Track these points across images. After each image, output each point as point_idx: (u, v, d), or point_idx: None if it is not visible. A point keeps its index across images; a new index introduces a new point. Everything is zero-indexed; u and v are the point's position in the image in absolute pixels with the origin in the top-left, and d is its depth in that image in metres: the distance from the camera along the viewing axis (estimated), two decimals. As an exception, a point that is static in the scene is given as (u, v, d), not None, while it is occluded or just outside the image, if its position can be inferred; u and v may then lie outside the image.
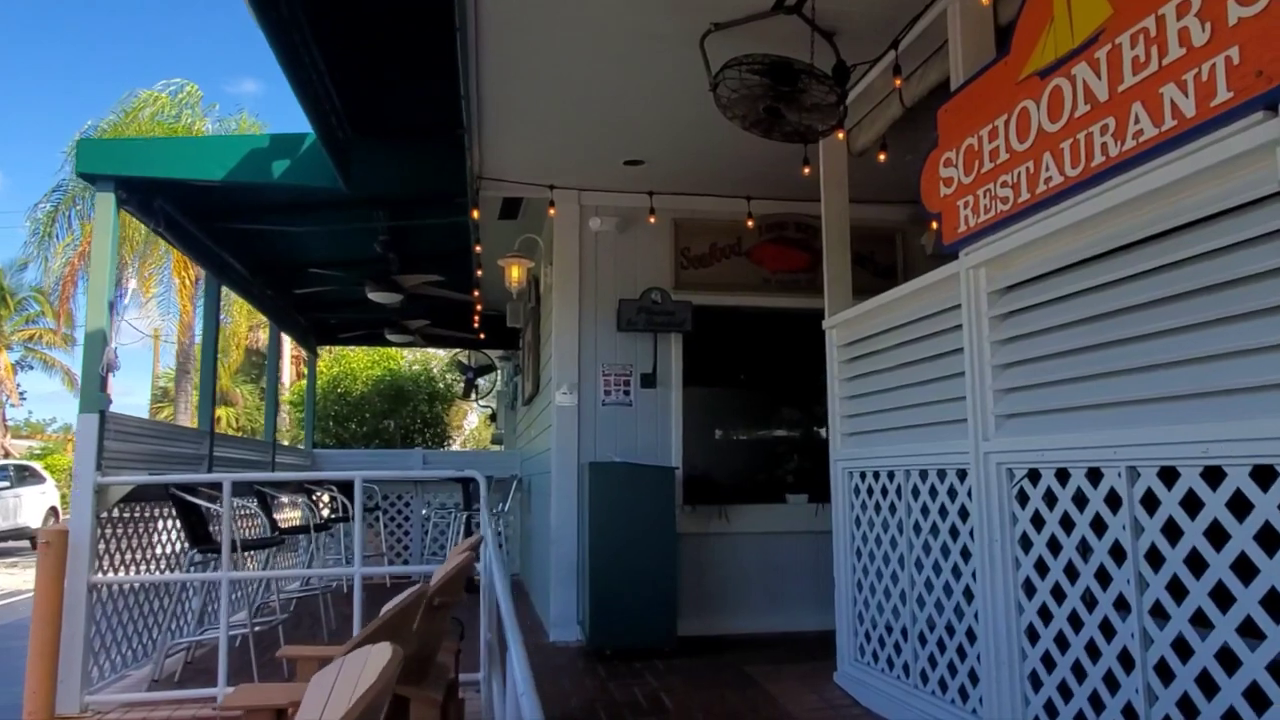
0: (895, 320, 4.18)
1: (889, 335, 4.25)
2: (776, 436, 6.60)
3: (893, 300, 4.16)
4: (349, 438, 11.15)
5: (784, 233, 6.47)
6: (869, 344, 4.47)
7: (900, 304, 4.13)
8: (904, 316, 4.09)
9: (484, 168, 5.67)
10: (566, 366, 6.08)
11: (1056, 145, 2.91)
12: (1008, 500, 3.29)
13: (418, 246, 7.12)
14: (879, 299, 4.29)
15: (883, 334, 4.31)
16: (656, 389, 6.16)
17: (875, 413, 4.43)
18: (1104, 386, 2.82)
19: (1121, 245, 2.74)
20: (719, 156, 5.57)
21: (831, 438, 4.85)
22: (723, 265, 6.38)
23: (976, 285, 3.46)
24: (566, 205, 6.17)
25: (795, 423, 6.60)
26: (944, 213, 3.60)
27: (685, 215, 6.34)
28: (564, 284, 6.16)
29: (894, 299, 4.14)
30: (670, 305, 6.07)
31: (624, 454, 6.01)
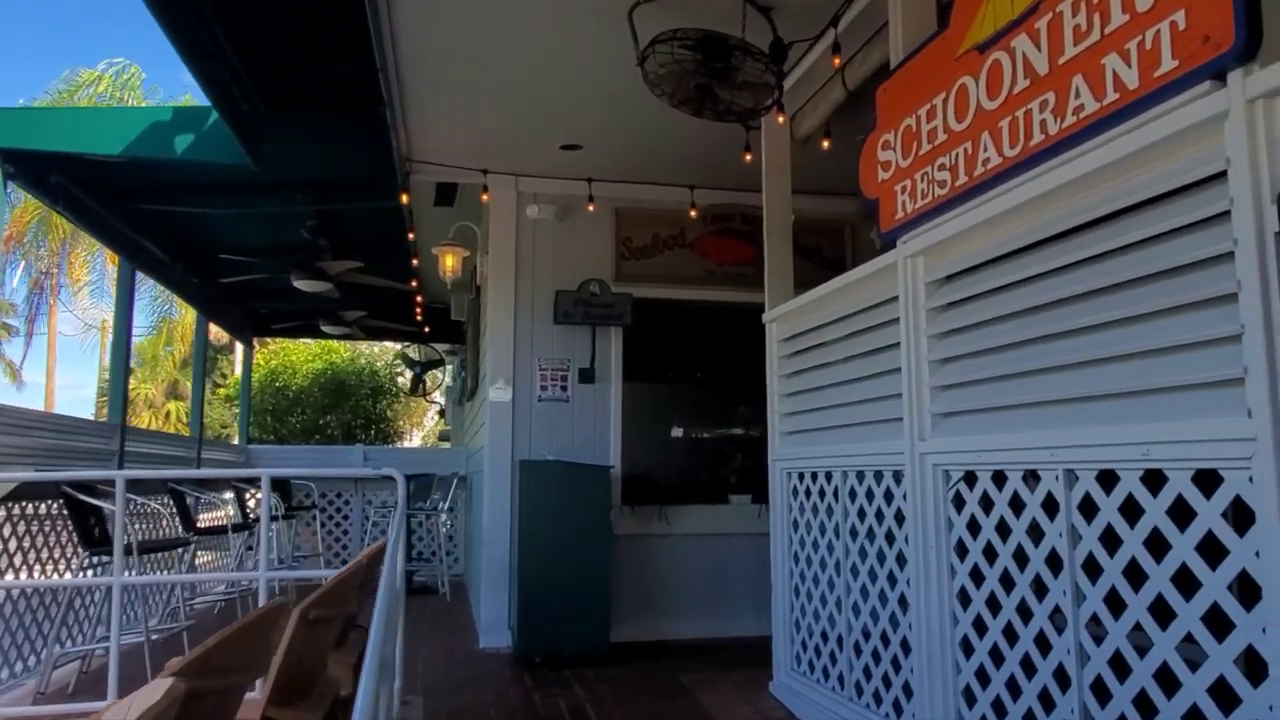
0: (835, 313, 3.97)
1: (829, 329, 4.04)
2: (720, 435, 6.39)
3: (832, 292, 3.96)
4: (287, 433, 10.76)
5: (729, 224, 6.26)
6: (809, 338, 4.27)
7: (840, 296, 3.93)
8: (843, 309, 3.89)
9: (413, 150, 5.38)
10: (501, 360, 5.81)
11: (995, 124, 2.71)
12: (943, 504, 3.10)
13: (350, 233, 6.80)
14: (818, 290, 4.09)
15: (822, 328, 4.11)
16: (595, 384, 5.92)
17: (814, 410, 4.23)
18: (1042, 383, 2.63)
19: (1061, 231, 2.55)
20: (660, 142, 5.34)
21: (770, 437, 4.64)
22: (666, 257, 6.15)
23: (914, 276, 3.26)
24: (502, 191, 5.90)
25: (739, 421, 6.40)
26: (882, 199, 3.40)
27: (627, 204, 6.11)
28: (499, 274, 5.89)
29: (833, 290, 3.93)
30: (610, 297, 5.83)
31: (561, 452, 5.76)
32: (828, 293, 3.99)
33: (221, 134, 4.34)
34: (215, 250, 6.86)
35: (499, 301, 5.86)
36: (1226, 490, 2.02)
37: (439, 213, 6.51)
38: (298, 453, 9.65)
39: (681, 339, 6.30)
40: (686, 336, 6.31)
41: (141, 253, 6.23)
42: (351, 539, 9.62)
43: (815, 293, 4.12)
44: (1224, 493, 2.03)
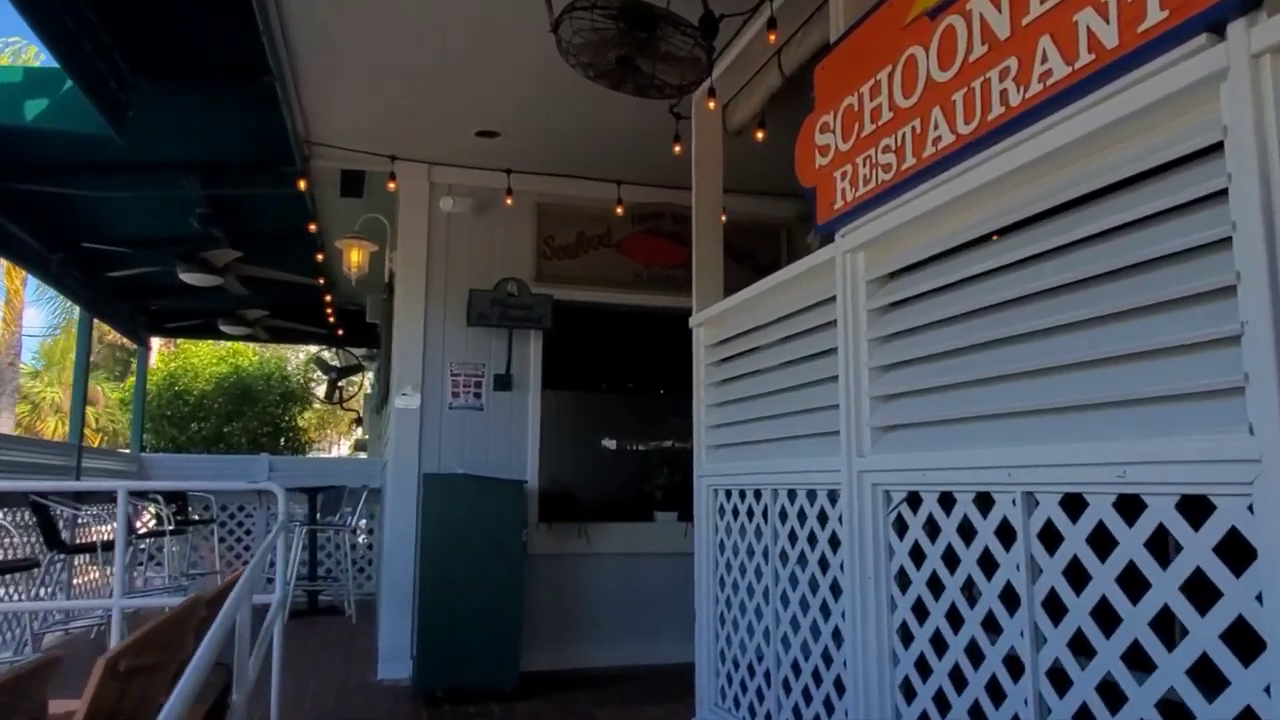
0: (767, 316, 3.62)
1: (761, 333, 3.70)
2: (646, 448, 6.02)
3: (765, 292, 3.61)
4: (186, 441, 10.03)
5: (659, 224, 5.90)
6: (739, 343, 3.92)
7: (773, 296, 3.58)
8: (777, 311, 3.54)
9: (311, 130, 4.89)
10: (409, 364, 5.34)
11: (948, 98, 2.38)
12: (883, 528, 2.75)
13: (249, 225, 6.27)
14: (750, 290, 3.73)
15: (754, 332, 3.76)
16: (512, 392, 5.48)
17: (744, 423, 3.87)
18: (999, 393, 2.30)
19: (1022, 220, 2.23)
20: (585, 131, 4.95)
21: (696, 450, 4.27)
22: (590, 257, 5.76)
23: (853, 273, 2.93)
24: (413, 181, 5.44)
25: (667, 433, 6.03)
26: (819, 187, 3.06)
27: (550, 200, 5.70)
28: (409, 271, 5.42)
29: (766, 290, 3.58)
30: (528, 298, 5.41)
31: (473, 464, 5.31)
32: (760, 293, 3.64)
33: (78, 99, 3.81)
34: (100, 240, 6.23)
35: (408, 301, 5.39)
36: (1219, 520, 1.70)
37: (348, 205, 6.00)
38: (195, 463, 8.97)
39: (606, 345, 5.91)
40: (612, 343, 5.93)
41: (8, 241, 5.59)
42: (255, 555, 8.95)
43: (746, 293, 3.77)
44: (1216, 523, 1.71)
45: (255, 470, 9.15)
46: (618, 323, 5.90)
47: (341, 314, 9.14)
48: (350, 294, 8.72)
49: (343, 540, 7.76)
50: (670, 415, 5.98)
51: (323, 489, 8.09)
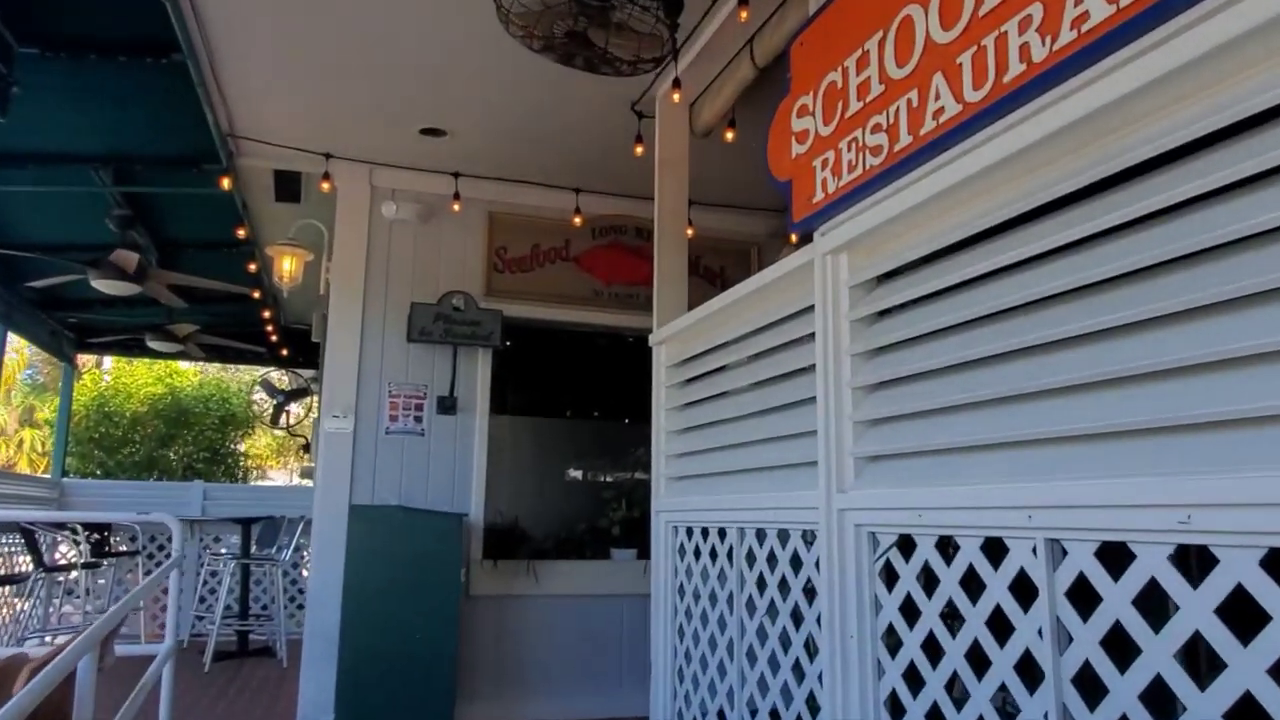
0: (736, 330, 3.20)
1: (728, 350, 3.27)
2: (603, 480, 5.55)
3: (733, 304, 3.18)
4: (115, 467, 9.36)
5: (621, 238, 5.49)
6: (703, 362, 3.49)
7: (742, 309, 3.16)
8: (746, 325, 3.12)
9: (236, 122, 4.43)
10: (341, 384, 4.85)
11: (952, 61, 1.99)
12: (868, 577, 2.32)
13: (175, 230, 5.77)
14: (716, 302, 3.31)
15: (720, 349, 3.33)
16: (456, 416, 5.00)
17: (708, 451, 3.43)
18: (1015, 416, 1.88)
19: (1043, 205, 1.83)
20: (541, 131, 4.54)
21: (655, 482, 3.83)
22: (546, 271, 5.32)
23: (834, 277, 2.52)
24: (353, 184, 4.99)
25: (626, 464, 5.57)
26: (796, 179, 2.66)
27: (503, 208, 5.27)
28: (345, 281, 4.95)
29: (734, 302, 3.16)
30: (476, 314, 4.95)
31: (411, 495, 4.81)
32: (727, 304, 3.21)
33: (-51, 69, 3.34)
34: (8, 245, 5.69)
35: (342, 314, 4.91)
36: (1325, 583, 1.28)
37: (285, 212, 5.52)
38: (122, 490, 8.34)
39: (562, 367, 5.47)
40: (568, 364, 5.48)
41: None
42: (184, 591, 8.31)
43: (712, 305, 3.35)
44: (1320, 587, 1.29)
45: (188, 498, 8.55)
46: (575, 343, 5.46)
47: (287, 334, 8.62)
48: (297, 312, 8.22)
49: (274, 575, 7.17)
50: (630, 445, 5.53)
51: (258, 519, 7.51)
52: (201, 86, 3.88)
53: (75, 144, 4.39)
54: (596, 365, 5.50)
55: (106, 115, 4.18)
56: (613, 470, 5.57)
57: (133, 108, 4.15)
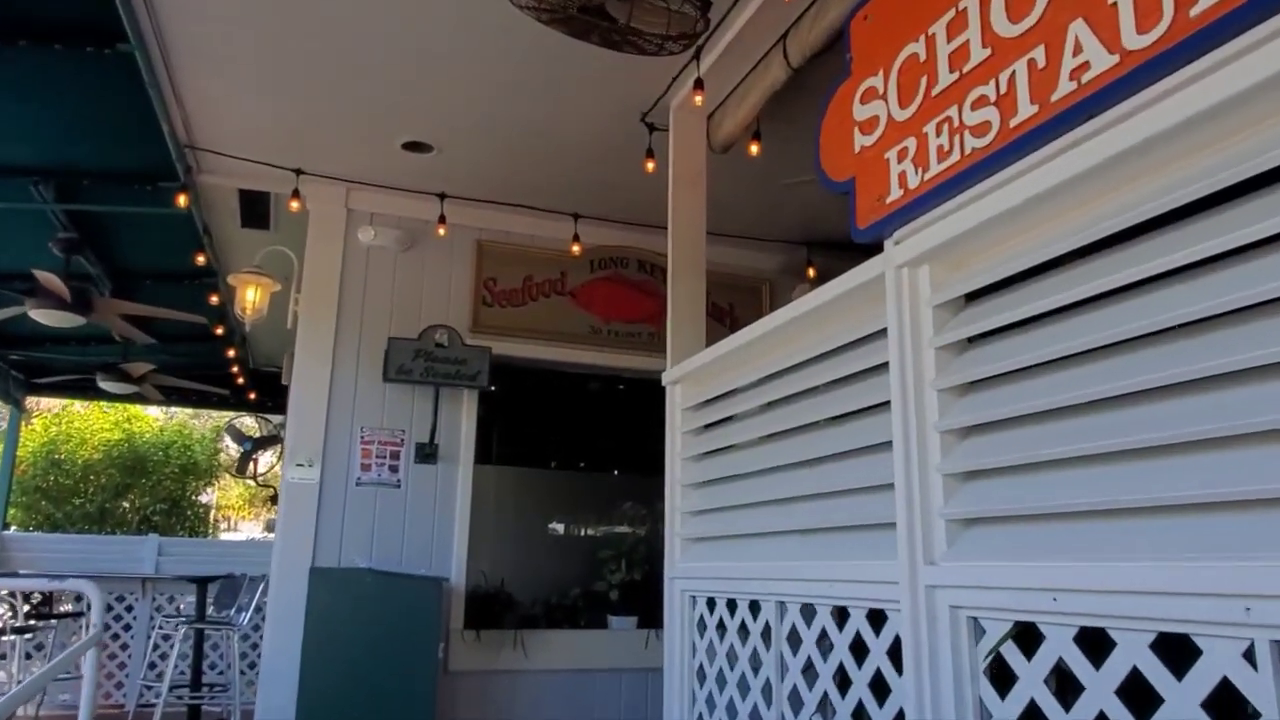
0: (773, 365, 2.70)
1: (764, 389, 2.77)
2: (599, 538, 4.99)
3: (770, 333, 2.68)
4: (63, 519, 8.65)
5: (622, 270, 5.01)
6: (731, 404, 2.98)
7: (780, 339, 2.67)
8: (788, 358, 2.62)
9: (195, 130, 3.94)
10: (307, 427, 4.30)
11: (1100, 2, 1.53)
12: (969, 677, 1.79)
13: (131, 257, 5.24)
14: (748, 332, 2.81)
15: (754, 387, 2.83)
16: (438, 466, 4.45)
17: (736, 508, 2.91)
18: (1195, 467, 1.38)
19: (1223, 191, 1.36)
20: (540, 149, 4.08)
21: (668, 543, 3.29)
22: (539, 306, 4.82)
23: (913, 294, 2.03)
24: (326, 205, 4.50)
25: (626, 520, 5.02)
26: (860, 176, 2.18)
27: (492, 236, 4.79)
28: (315, 311, 4.43)
29: (772, 331, 2.66)
30: (461, 352, 4.43)
31: (384, 556, 4.24)
32: (762, 334, 2.71)
33: None
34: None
35: (311, 349, 4.39)
36: None
37: (253, 239, 5.01)
38: (68, 544, 7.66)
39: (554, 412, 4.95)
40: (561, 409, 4.97)
41: None
42: (133, 656, 7.59)
43: (742, 337, 2.85)
44: None
45: (141, 554, 7.86)
46: (570, 386, 4.95)
47: (256, 377, 8.04)
48: (266, 354, 7.67)
49: (230, 641, 6.49)
50: (630, 498, 5.00)
51: (215, 578, 6.85)
52: (154, 87, 3.40)
53: (8, 152, 3.88)
54: (593, 410, 4.99)
55: (45, 117, 3.68)
56: (610, 527, 5.02)
57: (75, 110, 3.66)
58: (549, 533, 4.96)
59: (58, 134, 3.84)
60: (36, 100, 3.55)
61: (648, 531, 4.85)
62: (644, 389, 5.07)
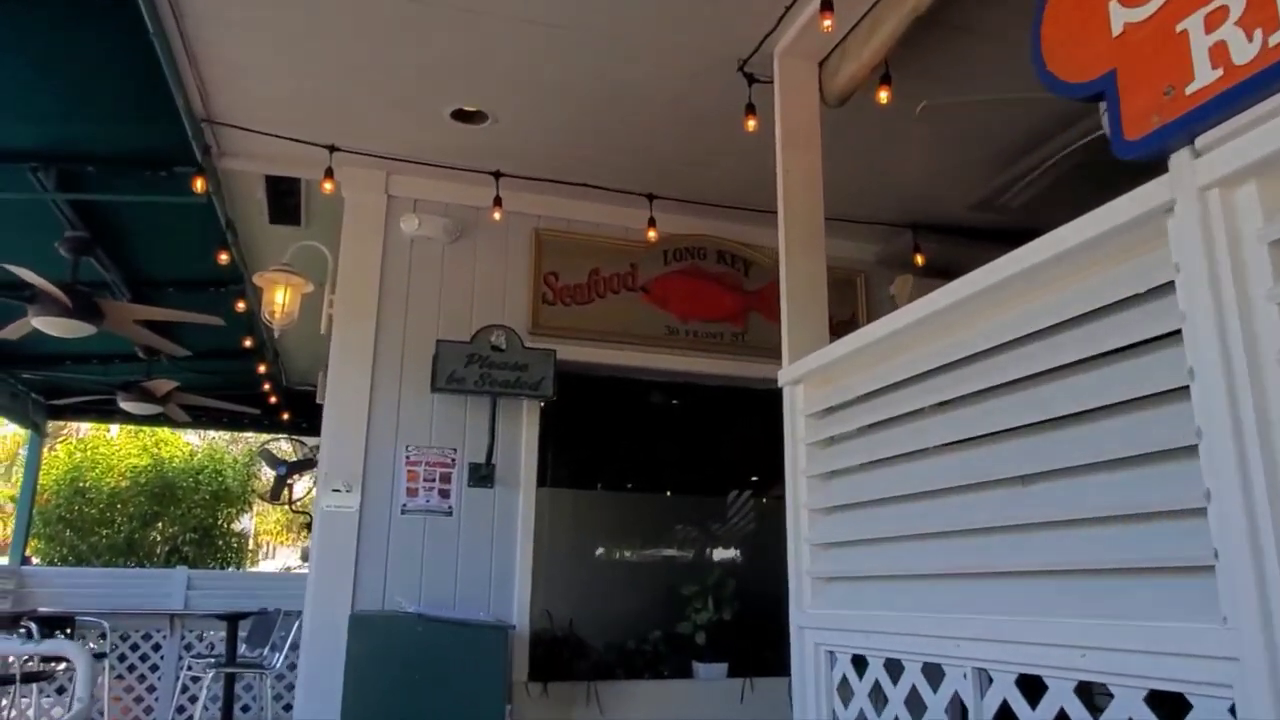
0: (955, 349, 2.03)
1: (936, 381, 2.10)
2: (681, 570, 4.32)
3: (953, 306, 2.00)
4: (88, 551, 8.13)
5: (701, 262, 4.38)
6: (880, 405, 2.32)
7: (969, 313, 1.99)
8: (985, 338, 1.94)
9: (212, 102, 3.38)
10: (344, 446, 3.70)
11: None
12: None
13: (148, 260, 4.71)
14: (909, 312, 2.15)
15: (921, 380, 2.16)
16: (494, 489, 3.83)
17: (895, 540, 2.25)
18: None
19: None
20: (610, 114, 3.48)
21: (794, 583, 2.62)
22: (607, 304, 4.20)
23: (1230, 227, 1.37)
24: (364, 192, 3.93)
25: (712, 550, 4.36)
26: (1126, 66, 1.52)
27: (553, 223, 4.19)
28: (352, 313, 3.84)
29: (957, 303, 1.98)
30: (520, 355, 3.81)
31: (435, 597, 3.62)
32: (938, 310, 2.04)
33: None
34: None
35: (348, 356, 3.79)
36: None
37: (283, 238, 4.45)
38: (90, 579, 7.14)
39: (626, 426, 4.32)
40: (634, 422, 4.34)
41: None
42: (160, 698, 7.03)
43: (902, 317, 2.18)
44: None
45: (170, 587, 7.34)
46: (643, 395, 4.32)
47: (290, 396, 7.50)
48: (301, 371, 7.12)
49: (262, 687, 5.91)
50: (717, 525, 4.34)
51: (246, 615, 6.29)
52: (165, 50, 2.84)
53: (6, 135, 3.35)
54: (669, 423, 4.35)
55: (41, 89, 3.14)
56: (694, 558, 4.35)
57: (76, 80, 3.11)
58: (622, 566, 4.30)
59: (56, 109, 3.30)
60: (31, 69, 3.01)
61: (741, 565, 4.18)
62: (730, 399, 4.43)
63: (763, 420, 4.69)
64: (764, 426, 4.69)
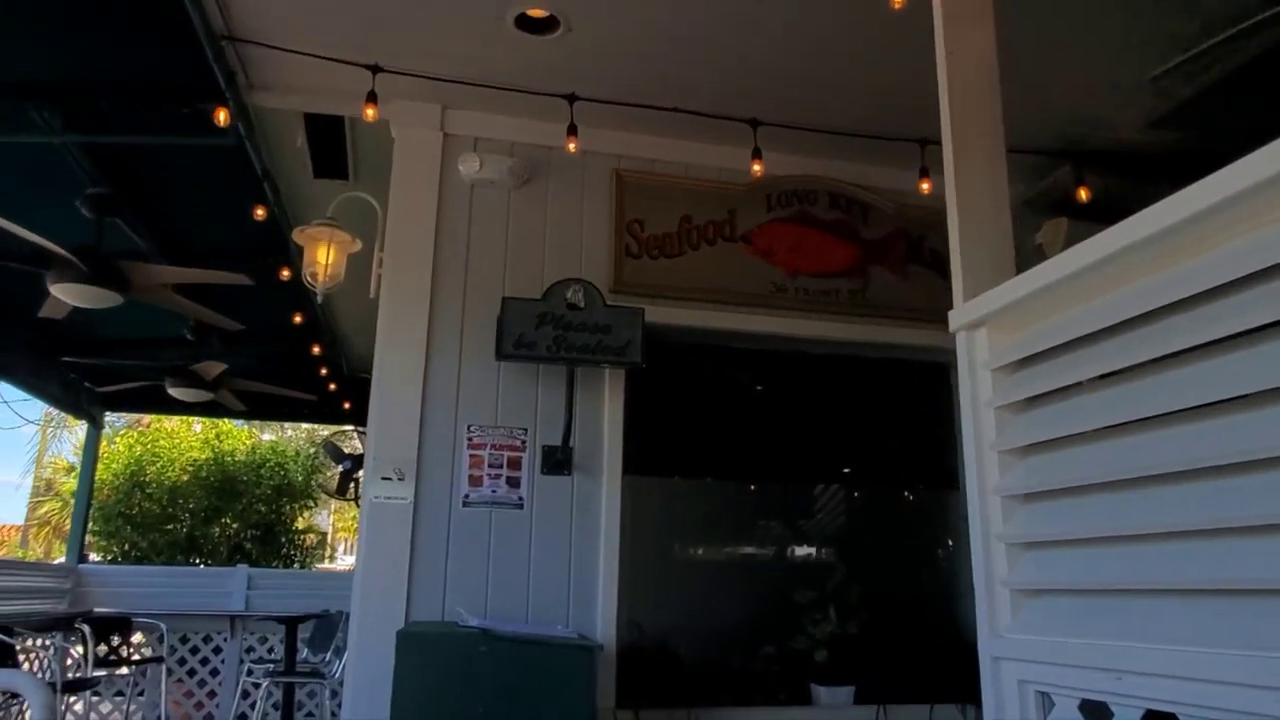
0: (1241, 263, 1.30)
1: (1215, 306, 1.38)
2: (796, 573, 3.64)
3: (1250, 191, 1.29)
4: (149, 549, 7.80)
5: (811, 208, 3.69)
6: (1116, 347, 1.61)
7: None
8: None
9: (233, 14, 2.82)
10: (395, 427, 3.12)
11: None
12: None
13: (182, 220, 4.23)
14: (1168, 209, 1.43)
15: (1184, 308, 1.44)
16: (573, 477, 3.21)
17: (1147, 539, 1.54)
18: None
19: None
20: (709, 12, 2.80)
21: (982, 596, 1.91)
22: (702, 257, 3.54)
23: None
24: (414, 128, 3.36)
25: (832, 548, 3.67)
26: None
27: (637, 163, 3.55)
28: (402, 270, 3.27)
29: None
30: (601, 315, 3.17)
31: (503, 607, 3.02)
32: (1225, 199, 1.32)
33: None
34: None
35: (398, 321, 3.22)
36: None
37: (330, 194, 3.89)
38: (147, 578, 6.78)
39: (729, 401, 3.64)
40: (738, 397, 3.66)
41: None
42: (220, 705, 6.64)
43: (1153, 220, 1.47)
44: None
45: (230, 587, 6.94)
46: (749, 364, 3.65)
47: (352, 384, 7.02)
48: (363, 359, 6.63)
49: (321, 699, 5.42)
50: (837, 516, 3.65)
51: (306, 618, 5.82)
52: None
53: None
54: (782, 397, 3.67)
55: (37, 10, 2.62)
56: (811, 560, 3.67)
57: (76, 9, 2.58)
58: (724, 568, 3.64)
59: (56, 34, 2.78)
60: None
61: (864, 564, 3.48)
62: (850, 369, 3.74)
63: (891, 392, 4.00)
64: (892, 399, 4.02)
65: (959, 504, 3.73)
